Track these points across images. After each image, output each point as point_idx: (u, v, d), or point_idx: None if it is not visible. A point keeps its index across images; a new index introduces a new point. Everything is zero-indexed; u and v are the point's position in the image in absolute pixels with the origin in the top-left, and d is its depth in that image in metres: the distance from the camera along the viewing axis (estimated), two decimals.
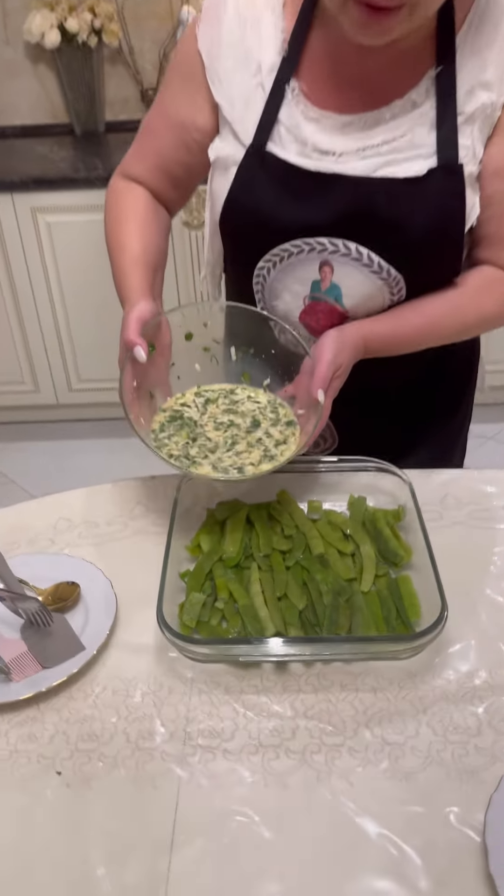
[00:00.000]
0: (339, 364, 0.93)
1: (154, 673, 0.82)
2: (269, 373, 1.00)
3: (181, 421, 0.97)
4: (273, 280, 1.00)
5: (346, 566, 0.91)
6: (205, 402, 1.00)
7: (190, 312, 0.98)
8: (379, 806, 0.68)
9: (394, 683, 0.79)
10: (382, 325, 0.97)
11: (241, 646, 0.79)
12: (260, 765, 0.72)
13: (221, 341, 1.01)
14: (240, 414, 0.98)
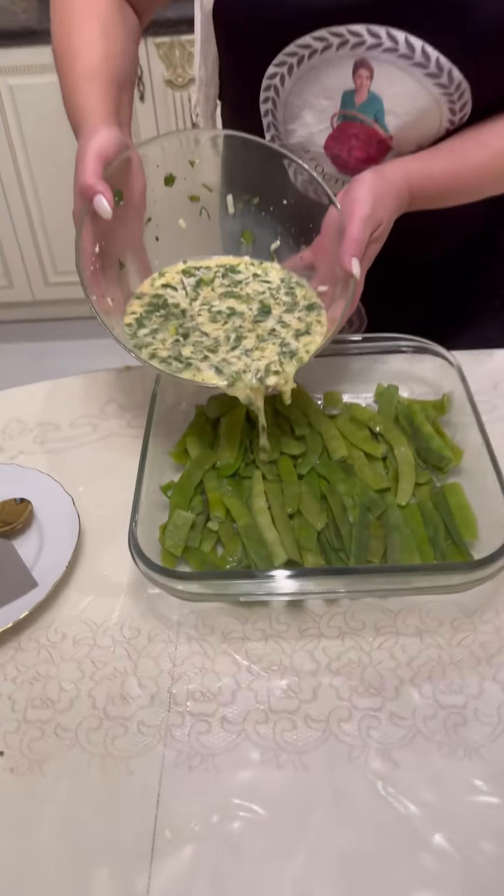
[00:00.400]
0: (379, 220, 0.68)
1: (129, 616, 0.62)
2: (278, 232, 0.76)
3: (165, 311, 0.73)
4: (289, 94, 0.75)
5: (376, 473, 0.70)
6: (196, 283, 0.76)
7: (171, 145, 0.73)
8: (434, 795, 0.50)
9: (445, 625, 0.60)
10: (435, 163, 0.73)
11: (242, 580, 0.59)
12: (271, 738, 0.54)
13: (215, 188, 0.77)
14: (243, 298, 0.74)
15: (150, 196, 0.73)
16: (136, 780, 0.52)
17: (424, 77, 0.69)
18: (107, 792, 0.52)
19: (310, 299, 0.74)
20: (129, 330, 0.71)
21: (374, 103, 0.73)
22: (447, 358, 0.75)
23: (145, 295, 0.75)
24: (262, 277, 0.77)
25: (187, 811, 0.50)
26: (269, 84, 0.75)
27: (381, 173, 0.70)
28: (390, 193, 0.69)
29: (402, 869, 0.47)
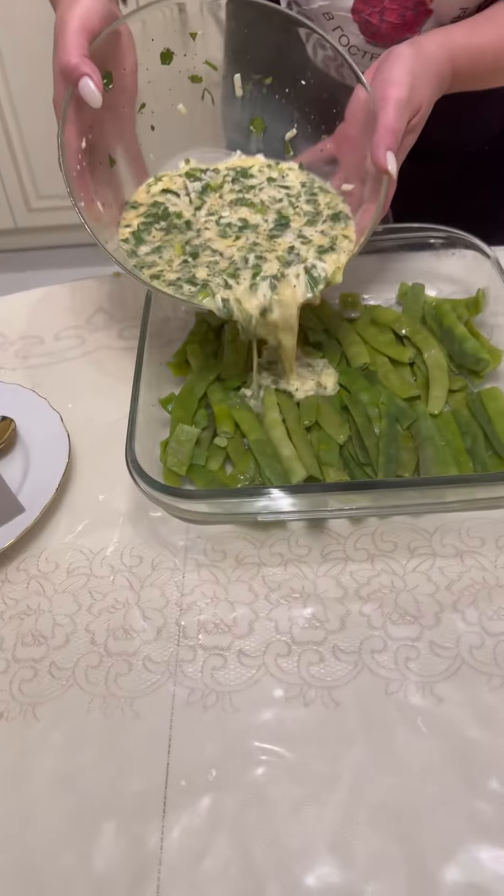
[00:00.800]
0: (417, 106, 0.58)
1: (129, 543, 0.55)
2: (294, 118, 0.66)
3: (166, 222, 0.63)
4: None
5: (403, 381, 0.62)
6: (202, 188, 0.66)
7: (168, 13, 0.62)
8: (487, 733, 0.44)
9: (489, 543, 0.53)
10: (482, 35, 0.61)
11: (258, 498, 0.51)
12: (295, 673, 0.47)
13: (220, 65, 0.65)
14: (257, 208, 0.64)
15: (144, 76, 0.62)
16: (143, 723, 0.46)
17: None
18: (110, 737, 0.45)
19: (335, 207, 0.64)
20: (125, 246, 0.62)
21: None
22: (482, 249, 0.66)
23: (141, 205, 0.64)
24: (279, 182, 0.66)
25: (203, 757, 0.44)
26: None
27: (420, 48, 0.58)
28: (430, 72, 0.58)
29: (454, 817, 0.41)
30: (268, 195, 0.65)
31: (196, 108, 0.66)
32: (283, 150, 0.67)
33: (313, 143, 0.66)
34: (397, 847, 0.40)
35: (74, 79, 0.54)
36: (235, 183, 0.66)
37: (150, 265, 0.60)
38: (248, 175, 0.67)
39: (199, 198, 0.65)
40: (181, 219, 0.63)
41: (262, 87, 0.65)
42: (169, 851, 0.40)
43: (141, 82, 0.61)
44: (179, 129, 0.67)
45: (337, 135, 0.63)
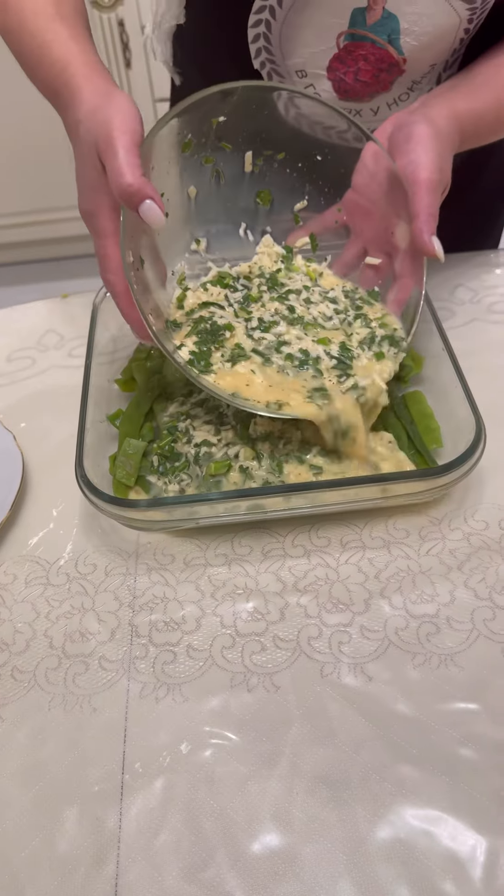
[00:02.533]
0: (446, 184, 0.60)
1: (82, 552, 0.59)
2: (305, 190, 0.66)
3: (219, 336, 0.61)
4: (288, 12, 0.64)
5: None
6: (243, 297, 0.64)
7: (195, 111, 0.60)
8: (411, 706, 0.48)
9: (413, 535, 0.58)
10: (477, 97, 0.64)
11: (196, 505, 0.56)
12: (239, 662, 0.51)
13: (233, 143, 0.65)
14: (307, 325, 0.62)
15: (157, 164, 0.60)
16: (100, 716, 0.49)
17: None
18: (70, 731, 0.49)
19: (387, 325, 0.63)
20: (194, 370, 0.58)
21: (389, 22, 0.64)
22: None
23: (181, 323, 0.62)
24: (317, 289, 0.65)
25: (156, 743, 0.48)
26: (262, 5, 0.65)
27: (436, 126, 0.60)
28: (449, 149, 0.61)
29: (382, 782, 0.45)
30: (318, 311, 0.64)
31: (205, 188, 0.66)
32: (291, 221, 0.68)
33: (318, 213, 0.67)
34: (332, 812, 0.44)
35: (137, 202, 0.52)
36: (272, 291, 0.65)
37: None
38: (278, 283, 0.65)
39: (242, 309, 0.64)
40: (233, 331, 0.61)
41: (274, 163, 0.66)
42: (126, 831, 0.44)
43: (160, 171, 0.60)
44: (186, 209, 0.66)
45: (346, 202, 0.65)
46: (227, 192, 0.66)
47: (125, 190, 0.52)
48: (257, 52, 0.69)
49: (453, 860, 0.42)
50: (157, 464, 0.61)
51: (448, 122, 0.61)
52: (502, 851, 0.42)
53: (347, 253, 0.67)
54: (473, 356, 0.68)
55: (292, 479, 0.58)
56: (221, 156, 0.64)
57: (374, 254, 0.66)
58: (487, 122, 0.65)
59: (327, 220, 0.67)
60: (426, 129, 0.59)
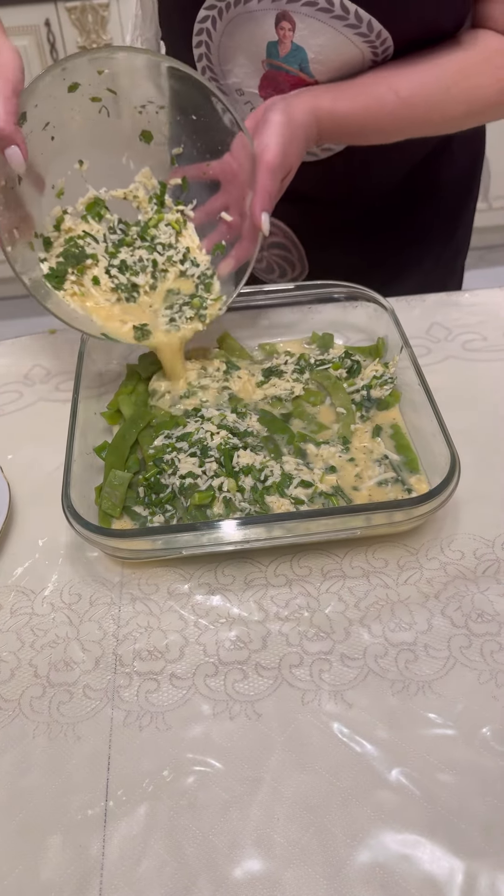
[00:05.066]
0: (288, 167, 0.68)
1: (68, 582, 0.60)
2: (182, 140, 0.72)
3: (78, 261, 0.72)
4: (221, 37, 0.73)
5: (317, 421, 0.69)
6: (118, 241, 0.74)
7: (81, 65, 0.67)
8: (390, 732, 0.50)
9: (391, 564, 0.59)
10: (344, 101, 0.70)
11: (183, 534, 0.57)
12: (222, 690, 0.52)
13: (119, 92, 0.70)
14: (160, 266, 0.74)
15: (49, 102, 0.66)
16: (84, 744, 0.50)
17: (345, 27, 0.68)
18: (54, 759, 0.49)
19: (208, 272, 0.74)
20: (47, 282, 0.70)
21: (298, 54, 0.71)
22: (380, 302, 0.74)
23: (53, 238, 0.72)
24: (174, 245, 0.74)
25: (139, 771, 0.49)
26: (200, 28, 0.73)
27: (291, 115, 0.67)
28: (299, 137, 0.68)
29: (362, 807, 0.46)
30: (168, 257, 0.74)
31: (92, 120, 0.70)
32: (170, 161, 0.73)
33: (195, 162, 0.72)
34: (312, 837, 0.45)
35: (3, 146, 0.61)
36: (143, 241, 0.74)
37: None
38: (149, 233, 0.74)
39: (114, 247, 0.73)
40: (96, 262, 0.72)
41: (156, 111, 0.71)
42: (109, 858, 0.45)
43: (48, 107, 0.66)
44: (73, 136, 0.70)
45: (223, 163, 0.70)
46: (114, 125, 0.71)
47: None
48: (203, 70, 0.77)
49: (431, 884, 0.43)
50: (143, 495, 0.62)
51: (305, 115, 0.68)
52: (480, 875, 0.43)
53: (212, 204, 0.73)
54: (448, 391, 0.71)
55: (274, 510, 0.60)
56: (109, 99, 0.70)
57: (233, 213, 0.72)
58: (349, 126, 0.71)
59: (197, 170, 0.73)
60: (280, 116, 0.67)
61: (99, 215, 0.73)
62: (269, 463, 0.63)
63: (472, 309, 0.83)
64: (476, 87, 0.71)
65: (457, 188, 0.91)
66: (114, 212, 0.74)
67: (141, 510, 0.62)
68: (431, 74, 0.70)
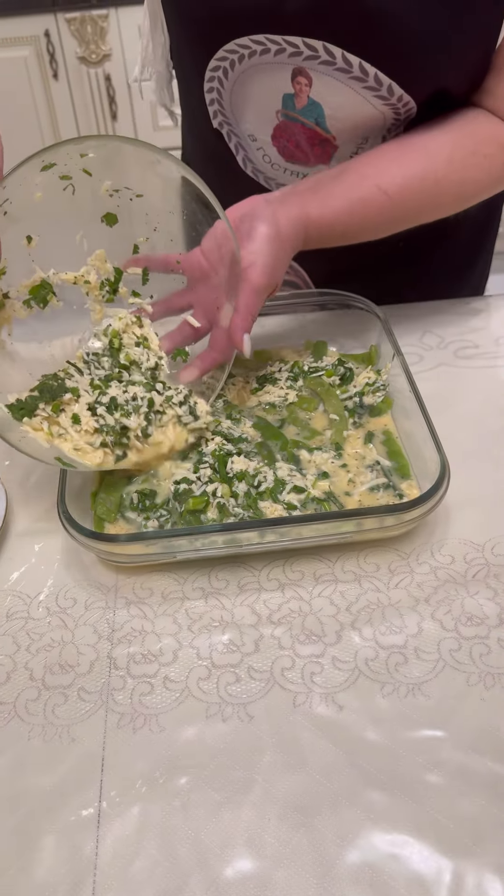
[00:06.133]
0: (274, 285, 0.65)
1: (63, 586, 0.61)
2: (152, 229, 0.67)
3: (54, 396, 0.63)
4: (234, 85, 0.71)
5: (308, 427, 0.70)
6: (105, 377, 0.66)
7: (65, 149, 0.60)
8: (380, 734, 0.50)
9: (382, 568, 0.60)
10: (330, 206, 0.67)
11: (178, 539, 0.58)
12: (215, 693, 0.53)
13: (95, 174, 0.64)
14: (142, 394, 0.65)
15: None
16: (79, 746, 0.51)
17: (364, 89, 0.66)
18: (49, 761, 0.50)
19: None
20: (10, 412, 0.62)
21: (315, 109, 0.69)
22: (373, 311, 0.75)
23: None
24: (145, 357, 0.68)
25: (133, 772, 0.49)
26: (212, 76, 0.72)
27: (279, 227, 0.64)
28: (287, 251, 0.66)
29: (352, 808, 0.47)
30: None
31: (51, 196, 0.64)
32: (129, 250, 0.69)
33: (158, 252, 0.68)
34: (303, 837, 0.46)
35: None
36: (130, 372, 0.67)
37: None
38: (128, 359, 0.67)
39: (102, 381, 0.65)
40: (77, 397, 0.64)
41: (129, 198, 0.66)
42: (103, 858, 0.45)
43: (13, 185, 0.60)
44: (30, 209, 0.63)
45: (190, 257, 0.67)
46: (76, 203, 0.65)
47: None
48: (214, 114, 0.75)
49: (420, 883, 0.44)
50: (137, 500, 0.63)
51: (293, 227, 0.65)
52: (467, 874, 0.44)
53: (175, 299, 0.69)
54: (441, 398, 0.72)
55: (267, 515, 0.61)
56: (80, 179, 0.64)
57: (197, 314, 0.68)
58: (338, 230, 0.68)
59: (165, 263, 0.68)
60: (268, 230, 0.63)
61: (44, 301, 0.65)
62: (263, 469, 0.64)
63: (465, 317, 0.84)
64: (466, 180, 0.69)
65: (477, 219, 0.89)
66: (61, 298, 0.67)
67: (135, 515, 0.63)
68: (419, 168, 0.67)
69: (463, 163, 0.68)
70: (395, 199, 0.68)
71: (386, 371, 0.72)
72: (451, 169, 0.68)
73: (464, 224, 0.82)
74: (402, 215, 0.70)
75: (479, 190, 0.71)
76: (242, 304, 0.63)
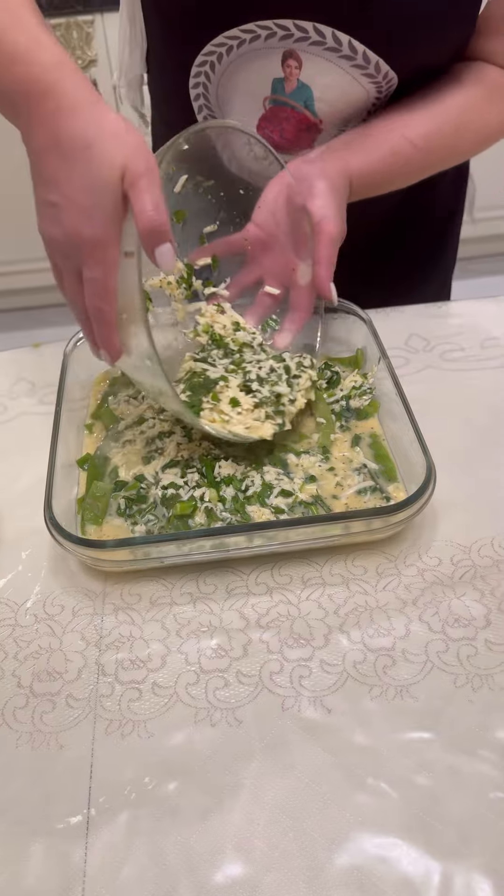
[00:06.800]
0: (344, 234, 0.68)
1: (51, 593, 0.60)
2: (218, 216, 0.71)
3: (208, 389, 0.68)
4: (220, 78, 0.73)
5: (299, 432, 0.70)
6: (232, 360, 0.71)
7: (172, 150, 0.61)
8: (368, 736, 0.50)
9: (370, 571, 0.60)
10: (368, 159, 0.71)
11: (165, 543, 0.58)
12: (203, 698, 0.53)
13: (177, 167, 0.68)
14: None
15: None
16: (67, 753, 0.51)
17: (352, 68, 0.69)
18: (37, 768, 0.50)
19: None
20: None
21: (304, 91, 0.72)
22: (358, 314, 0.76)
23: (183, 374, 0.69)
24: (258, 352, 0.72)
25: (122, 779, 0.49)
26: (198, 71, 0.74)
27: (333, 183, 0.68)
28: (344, 202, 0.70)
29: (341, 811, 0.47)
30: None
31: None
32: (198, 240, 0.72)
33: (230, 230, 0.72)
34: (292, 841, 0.46)
35: (159, 242, 0.52)
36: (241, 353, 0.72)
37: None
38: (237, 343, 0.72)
39: (235, 364, 0.70)
40: (227, 383, 0.68)
41: (200, 188, 0.70)
42: (92, 864, 0.45)
43: None
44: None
45: (247, 233, 0.70)
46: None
47: (155, 228, 0.51)
48: (199, 109, 0.77)
49: (408, 885, 0.44)
50: (125, 506, 0.63)
51: (342, 178, 0.69)
52: (455, 875, 0.44)
53: (245, 277, 0.73)
54: (427, 401, 0.72)
55: (255, 519, 0.61)
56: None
57: (271, 283, 0.73)
58: (376, 181, 0.73)
59: (233, 245, 0.71)
60: (326, 184, 0.67)
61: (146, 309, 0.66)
62: (250, 473, 0.64)
63: (451, 320, 0.85)
64: (484, 124, 0.74)
65: (444, 210, 0.93)
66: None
67: (123, 521, 0.63)
68: (441, 118, 0.72)
69: (477, 108, 0.73)
70: (422, 150, 0.72)
71: (372, 374, 0.72)
72: (467, 115, 0.73)
73: (428, 221, 0.88)
74: (430, 163, 0.75)
75: (495, 136, 0.76)
76: (323, 256, 0.66)
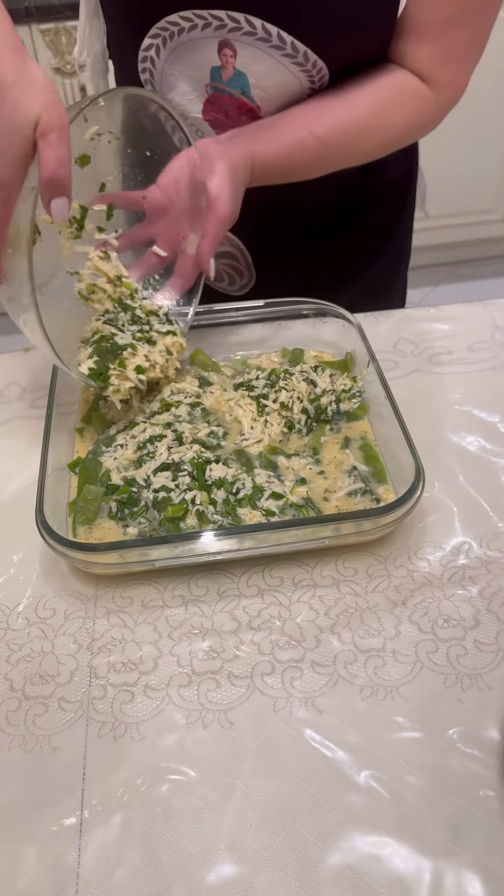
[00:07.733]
0: (236, 216, 0.71)
1: (42, 597, 0.61)
2: (121, 170, 0.74)
3: (115, 355, 0.71)
4: (164, 64, 0.76)
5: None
6: (132, 317, 0.74)
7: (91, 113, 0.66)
8: (359, 736, 0.51)
9: (360, 573, 0.61)
10: (271, 147, 0.74)
11: (157, 547, 0.58)
12: (195, 700, 0.53)
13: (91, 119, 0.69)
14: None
15: None
16: (60, 756, 0.51)
17: (283, 57, 0.71)
18: (30, 771, 0.50)
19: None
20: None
21: (240, 79, 0.74)
22: (348, 318, 0.76)
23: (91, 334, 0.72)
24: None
25: (114, 781, 0.49)
26: (145, 56, 0.76)
27: (234, 167, 0.70)
28: (242, 186, 0.72)
29: (332, 810, 0.47)
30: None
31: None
32: (97, 189, 0.73)
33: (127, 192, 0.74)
34: (284, 841, 0.46)
35: (58, 194, 0.55)
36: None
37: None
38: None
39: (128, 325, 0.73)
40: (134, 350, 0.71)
41: (110, 141, 0.71)
42: (85, 866, 0.46)
43: None
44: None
45: (149, 193, 0.72)
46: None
47: (56, 180, 0.54)
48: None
49: (400, 883, 0.44)
50: (116, 509, 0.63)
51: (244, 163, 0.72)
52: (446, 873, 0.44)
53: (137, 233, 0.75)
54: (416, 403, 0.73)
55: (246, 521, 0.61)
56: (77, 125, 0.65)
57: (161, 245, 0.75)
58: (277, 170, 0.75)
59: (129, 199, 0.74)
60: (226, 166, 0.70)
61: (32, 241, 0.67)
62: (241, 476, 0.64)
63: (438, 324, 0.86)
64: (387, 125, 0.76)
65: (393, 196, 0.95)
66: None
67: (114, 524, 0.63)
68: (348, 117, 0.74)
69: (382, 110, 0.75)
70: (325, 143, 0.74)
71: (362, 378, 0.73)
72: (372, 117, 0.75)
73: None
74: (331, 158, 0.77)
75: (400, 135, 0.78)
76: (210, 231, 0.69)
